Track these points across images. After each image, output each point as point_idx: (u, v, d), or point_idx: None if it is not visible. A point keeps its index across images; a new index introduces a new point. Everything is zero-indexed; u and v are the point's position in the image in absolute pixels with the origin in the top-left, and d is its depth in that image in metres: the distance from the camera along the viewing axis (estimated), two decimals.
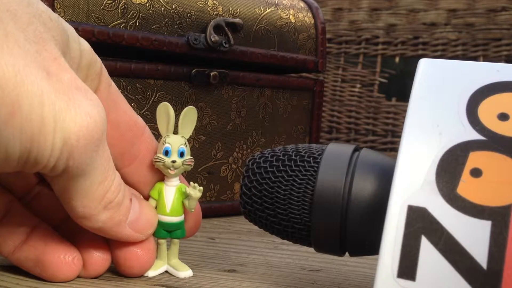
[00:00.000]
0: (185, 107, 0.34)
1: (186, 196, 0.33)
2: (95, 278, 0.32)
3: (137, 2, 0.47)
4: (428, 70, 0.28)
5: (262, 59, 0.56)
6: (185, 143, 0.33)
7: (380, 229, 0.24)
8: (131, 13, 0.46)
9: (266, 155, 0.31)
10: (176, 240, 0.34)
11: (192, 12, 0.50)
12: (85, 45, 0.29)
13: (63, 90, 0.25)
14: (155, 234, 0.33)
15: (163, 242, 0.33)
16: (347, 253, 0.30)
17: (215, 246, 0.42)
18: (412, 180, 0.25)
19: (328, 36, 0.88)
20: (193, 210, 0.33)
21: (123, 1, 0.46)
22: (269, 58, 0.56)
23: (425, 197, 0.24)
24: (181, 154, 0.33)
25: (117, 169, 0.30)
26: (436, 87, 0.27)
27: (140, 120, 0.33)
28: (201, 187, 0.33)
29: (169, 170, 0.32)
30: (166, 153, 0.32)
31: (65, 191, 0.27)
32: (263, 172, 0.30)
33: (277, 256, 0.40)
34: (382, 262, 0.24)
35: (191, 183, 0.33)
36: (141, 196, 0.33)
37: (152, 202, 0.33)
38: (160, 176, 0.33)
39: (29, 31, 0.25)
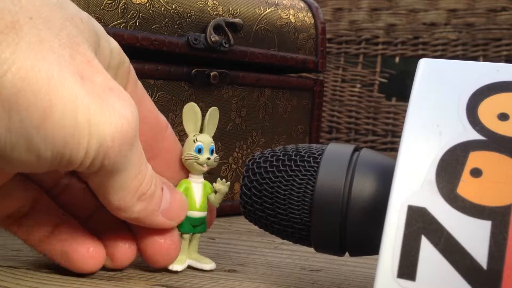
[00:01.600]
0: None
1: (211, 191, 0.35)
2: (121, 269, 0.33)
3: (137, 2, 0.47)
4: (428, 70, 0.28)
5: (262, 59, 0.56)
6: (212, 142, 0.35)
7: (380, 229, 0.24)
8: (131, 13, 0.46)
9: (266, 155, 0.31)
10: (198, 235, 0.35)
11: (192, 12, 0.50)
12: (114, 44, 0.30)
13: (97, 93, 0.25)
14: (182, 229, 0.34)
15: (187, 237, 0.34)
16: (347, 253, 0.30)
17: (215, 246, 0.42)
18: (412, 180, 0.25)
19: (328, 36, 0.88)
20: (218, 204, 0.35)
21: (123, 1, 0.46)
22: (269, 58, 0.56)
23: (425, 197, 0.24)
24: (212, 152, 0.34)
25: None
26: (436, 87, 0.27)
27: (163, 118, 0.34)
28: (228, 182, 0.35)
29: (201, 167, 0.34)
30: (199, 151, 0.34)
31: (101, 187, 0.28)
32: (263, 172, 0.30)
33: (277, 256, 0.40)
34: (382, 262, 0.24)
35: (218, 179, 0.35)
36: (171, 184, 0.34)
37: None
38: (180, 174, 0.35)
39: (62, 35, 0.25)
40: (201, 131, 0.35)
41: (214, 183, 0.35)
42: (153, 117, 0.33)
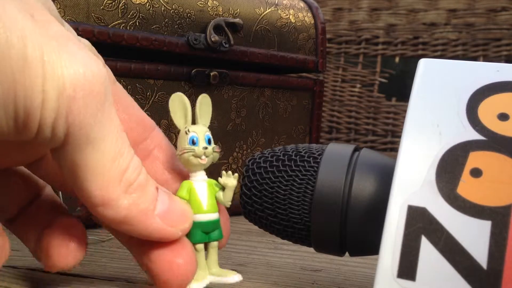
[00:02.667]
0: None
1: (219, 189, 0.30)
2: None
3: (137, 2, 0.47)
4: (428, 70, 0.28)
5: (262, 59, 0.56)
6: (208, 131, 0.30)
7: (380, 229, 0.24)
8: (131, 13, 0.46)
9: (266, 155, 0.31)
10: (214, 244, 0.30)
11: (192, 12, 0.50)
12: (85, 41, 0.28)
13: (51, 36, 0.21)
14: (193, 239, 0.29)
15: (201, 248, 0.29)
16: (347, 253, 0.30)
17: None
18: (412, 180, 0.25)
19: (328, 36, 0.88)
20: (229, 202, 0.30)
21: (123, 1, 0.46)
22: (269, 58, 0.56)
23: (425, 197, 0.24)
24: (209, 141, 0.30)
25: None
26: (436, 87, 0.27)
27: (148, 118, 0.31)
28: (236, 174, 0.30)
29: (199, 160, 0.29)
30: (193, 142, 0.29)
31: (75, 169, 0.24)
32: (263, 172, 0.30)
33: (277, 256, 0.40)
34: (382, 262, 0.24)
35: (223, 172, 0.30)
36: (169, 191, 0.28)
37: None
38: (176, 176, 0.31)
39: None
40: (193, 124, 0.30)
41: (219, 178, 0.30)
42: (137, 114, 0.30)
